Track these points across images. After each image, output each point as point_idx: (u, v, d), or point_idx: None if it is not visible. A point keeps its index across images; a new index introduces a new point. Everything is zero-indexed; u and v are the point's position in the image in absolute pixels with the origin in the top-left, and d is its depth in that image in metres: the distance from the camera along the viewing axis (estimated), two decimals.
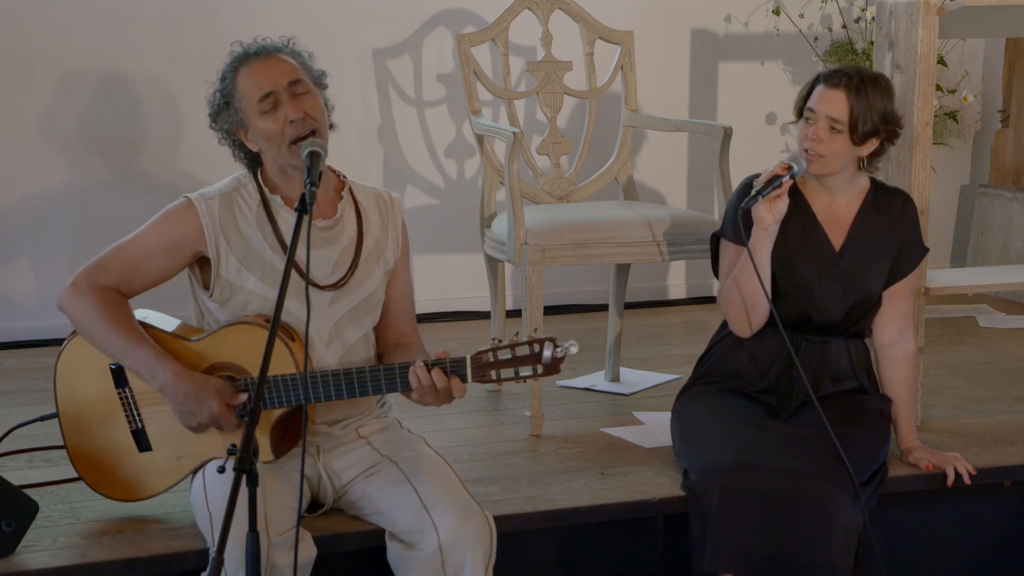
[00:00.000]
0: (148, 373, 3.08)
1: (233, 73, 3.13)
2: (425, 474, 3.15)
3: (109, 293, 3.13)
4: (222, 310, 3.17)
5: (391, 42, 5.32)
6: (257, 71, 3.11)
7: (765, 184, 3.42)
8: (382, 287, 3.27)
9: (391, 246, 3.28)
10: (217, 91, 3.16)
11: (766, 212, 3.43)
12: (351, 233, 3.23)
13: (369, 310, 3.25)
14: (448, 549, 3.03)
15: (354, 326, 3.22)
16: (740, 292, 3.51)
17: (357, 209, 3.25)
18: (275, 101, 3.08)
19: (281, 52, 3.15)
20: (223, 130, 3.17)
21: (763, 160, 5.45)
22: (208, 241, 3.14)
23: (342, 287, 3.19)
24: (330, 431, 3.24)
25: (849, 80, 3.46)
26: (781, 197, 3.43)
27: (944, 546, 3.78)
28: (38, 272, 5.04)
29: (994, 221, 5.86)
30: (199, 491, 3.09)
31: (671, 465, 3.71)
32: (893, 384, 3.64)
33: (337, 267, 3.20)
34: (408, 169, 5.40)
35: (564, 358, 2.96)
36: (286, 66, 3.13)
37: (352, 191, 3.26)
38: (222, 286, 3.15)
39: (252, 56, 3.13)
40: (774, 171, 3.43)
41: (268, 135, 3.09)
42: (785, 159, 3.47)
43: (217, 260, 3.14)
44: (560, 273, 5.33)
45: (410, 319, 3.35)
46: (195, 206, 3.15)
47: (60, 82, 4.98)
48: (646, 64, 5.29)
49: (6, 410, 4.17)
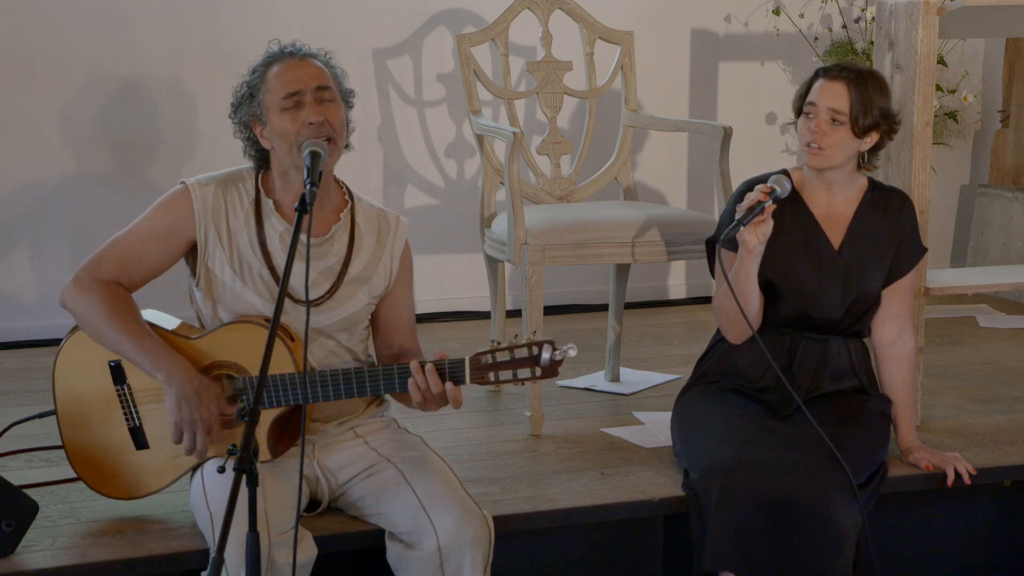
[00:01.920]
0: (153, 365, 3.07)
1: (265, 67, 3.15)
2: (424, 474, 3.15)
3: (111, 287, 3.13)
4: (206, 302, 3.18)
5: (391, 42, 5.32)
6: (289, 68, 3.12)
7: (747, 212, 3.40)
8: (366, 311, 3.26)
9: (382, 273, 3.26)
10: (245, 83, 3.17)
11: (751, 236, 3.42)
12: (339, 256, 3.21)
13: (347, 327, 3.24)
14: (447, 550, 3.03)
15: (329, 338, 3.22)
16: (725, 309, 3.52)
17: (352, 233, 3.24)
18: (299, 101, 3.09)
19: (316, 58, 3.17)
20: (240, 121, 3.17)
21: (763, 160, 5.47)
22: (197, 226, 3.15)
23: (318, 306, 3.19)
24: (325, 429, 3.24)
25: (848, 72, 3.47)
26: (766, 221, 3.42)
27: (944, 546, 3.78)
28: (38, 272, 5.04)
29: (994, 221, 5.86)
30: (199, 491, 3.09)
31: (671, 465, 3.71)
32: (893, 384, 3.64)
33: (315, 285, 3.19)
34: (408, 169, 5.40)
35: (562, 361, 2.97)
36: (317, 70, 3.13)
37: (354, 213, 3.25)
38: (205, 275, 3.17)
39: (287, 55, 3.15)
40: (756, 197, 3.41)
41: (283, 132, 3.09)
42: (769, 182, 3.46)
43: (204, 247, 3.16)
44: (560, 273, 5.33)
45: (410, 338, 3.33)
46: (190, 191, 3.16)
47: (60, 82, 4.98)
48: (646, 64, 5.29)
49: (6, 410, 4.17)
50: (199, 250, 3.16)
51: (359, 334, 3.27)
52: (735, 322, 3.53)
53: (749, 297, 3.47)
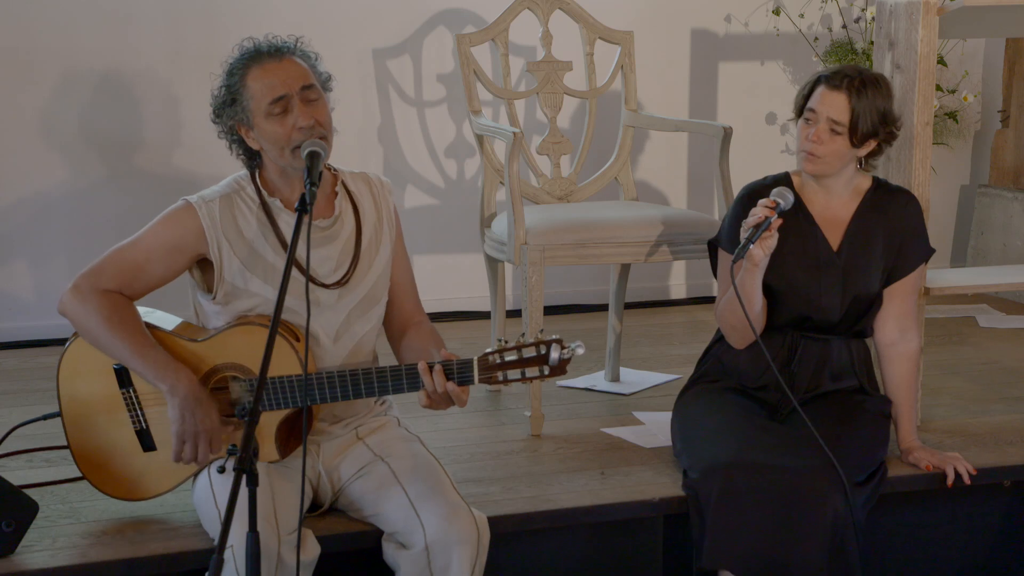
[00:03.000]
0: (157, 376, 3.06)
1: (243, 70, 3.09)
2: (415, 474, 3.15)
3: (111, 296, 3.11)
4: (221, 313, 3.17)
5: (391, 42, 5.31)
6: (270, 72, 3.07)
7: (754, 229, 3.39)
8: (386, 275, 3.27)
9: (387, 230, 3.27)
10: (224, 86, 3.12)
11: (757, 250, 3.40)
12: (350, 228, 3.22)
13: (375, 301, 3.24)
14: (434, 548, 3.02)
15: (362, 320, 3.22)
16: (729, 318, 3.52)
17: (353, 202, 3.25)
18: (286, 105, 3.05)
19: (294, 54, 3.11)
20: (225, 126, 3.14)
21: (763, 160, 5.48)
22: (210, 244, 3.12)
23: (346, 283, 3.19)
24: (331, 429, 3.24)
25: (851, 82, 3.45)
26: (772, 235, 3.41)
27: (944, 546, 3.78)
28: (38, 272, 5.04)
29: (994, 221, 5.86)
30: (205, 491, 3.09)
31: (671, 465, 3.71)
32: (894, 384, 3.64)
33: (339, 264, 3.19)
34: (408, 169, 5.40)
35: (571, 359, 2.96)
36: (299, 69, 3.09)
37: (345, 183, 3.26)
38: (226, 289, 3.15)
39: (265, 56, 3.09)
40: (762, 214, 3.39)
41: (274, 138, 3.07)
42: (772, 196, 3.44)
43: (220, 263, 3.13)
44: (560, 273, 5.33)
45: (413, 299, 3.34)
46: (195, 209, 3.13)
47: (60, 81, 4.98)
48: (646, 64, 5.29)
49: (6, 410, 4.17)
50: (215, 265, 3.13)
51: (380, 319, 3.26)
52: (739, 329, 3.53)
53: (754, 306, 3.47)
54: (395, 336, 3.32)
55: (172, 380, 3.05)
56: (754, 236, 3.37)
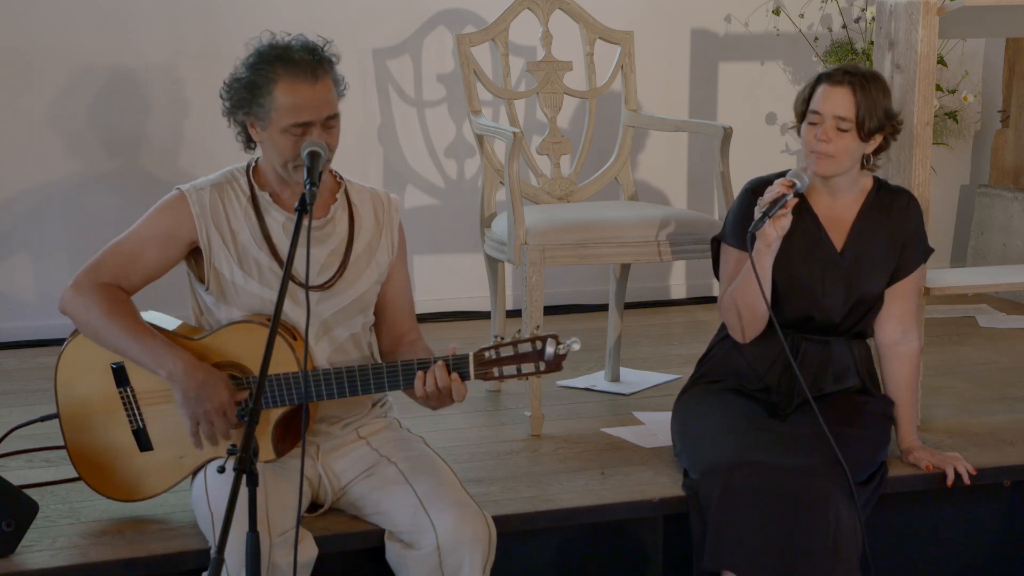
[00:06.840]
0: (156, 363, 3.07)
1: (273, 73, 3.03)
2: (423, 474, 3.15)
3: (110, 289, 3.13)
4: (219, 306, 3.18)
5: (391, 42, 5.32)
6: (302, 94, 3.03)
7: (771, 204, 3.40)
8: (374, 290, 3.27)
9: (384, 248, 3.27)
10: (247, 78, 3.07)
11: (771, 228, 3.41)
12: (342, 235, 3.22)
13: (359, 311, 3.24)
14: (446, 548, 3.03)
15: (342, 326, 3.22)
16: (739, 302, 3.51)
17: (350, 211, 3.25)
18: (306, 130, 3.04)
19: (328, 74, 3.07)
20: (235, 117, 3.13)
21: (763, 160, 5.48)
22: (199, 231, 3.14)
23: (328, 288, 3.19)
24: (330, 430, 3.24)
25: (852, 77, 3.45)
26: (787, 214, 3.41)
27: (944, 546, 3.78)
28: (38, 272, 5.04)
29: (994, 221, 5.86)
30: (200, 491, 3.09)
31: (671, 465, 3.71)
32: (894, 383, 3.64)
33: (325, 268, 3.19)
34: (408, 169, 5.40)
35: (566, 355, 2.96)
36: (329, 96, 3.06)
37: (348, 193, 3.26)
38: (215, 278, 3.16)
39: (298, 67, 3.04)
40: (779, 191, 3.40)
41: (281, 151, 3.07)
42: (788, 175, 3.45)
43: (209, 251, 3.15)
44: (560, 273, 5.33)
45: (409, 318, 3.34)
46: (186, 197, 3.16)
47: (60, 81, 4.98)
48: (646, 64, 5.29)
49: (6, 410, 4.17)
50: (204, 254, 3.15)
51: (366, 327, 3.27)
52: (746, 318, 3.51)
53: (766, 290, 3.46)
54: (387, 353, 3.32)
55: (171, 365, 3.06)
56: (771, 211, 3.37)
